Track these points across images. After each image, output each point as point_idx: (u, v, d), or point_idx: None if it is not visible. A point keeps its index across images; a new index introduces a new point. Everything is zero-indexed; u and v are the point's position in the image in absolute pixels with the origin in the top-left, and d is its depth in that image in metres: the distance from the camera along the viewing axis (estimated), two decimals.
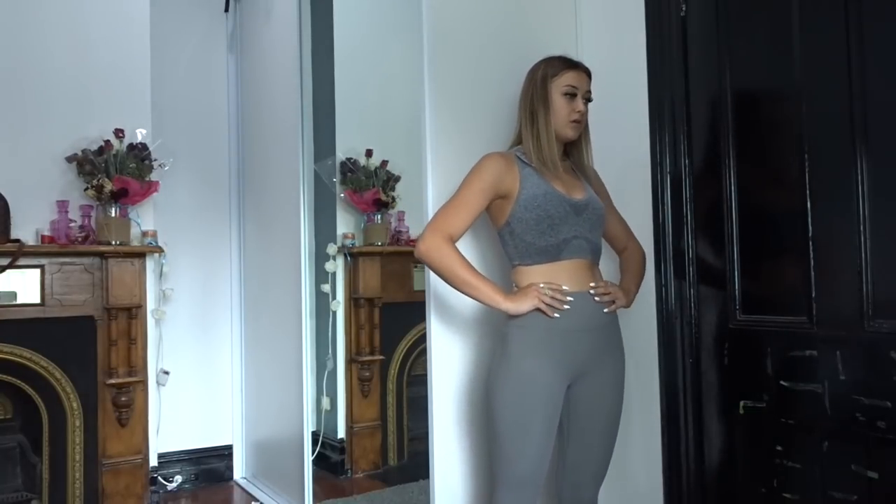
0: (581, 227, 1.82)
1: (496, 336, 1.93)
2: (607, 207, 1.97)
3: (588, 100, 1.88)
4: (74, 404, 2.91)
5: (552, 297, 1.73)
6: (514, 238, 1.83)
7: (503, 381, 1.78)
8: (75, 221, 2.97)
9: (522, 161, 1.85)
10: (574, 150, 1.94)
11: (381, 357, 3.70)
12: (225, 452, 3.71)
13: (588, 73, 1.90)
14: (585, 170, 1.95)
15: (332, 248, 3.62)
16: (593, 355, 1.82)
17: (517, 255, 1.85)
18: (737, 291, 1.90)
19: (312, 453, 3.05)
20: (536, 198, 1.79)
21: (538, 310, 1.73)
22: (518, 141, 1.91)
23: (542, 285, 1.75)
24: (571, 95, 1.84)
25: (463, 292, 1.78)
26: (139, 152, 3.05)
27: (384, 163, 3.71)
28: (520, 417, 1.75)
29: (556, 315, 1.73)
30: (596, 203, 1.87)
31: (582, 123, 1.87)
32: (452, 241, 1.78)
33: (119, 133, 3.02)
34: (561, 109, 1.84)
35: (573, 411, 1.84)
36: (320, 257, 3.68)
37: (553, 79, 1.85)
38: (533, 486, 1.78)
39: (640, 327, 2.12)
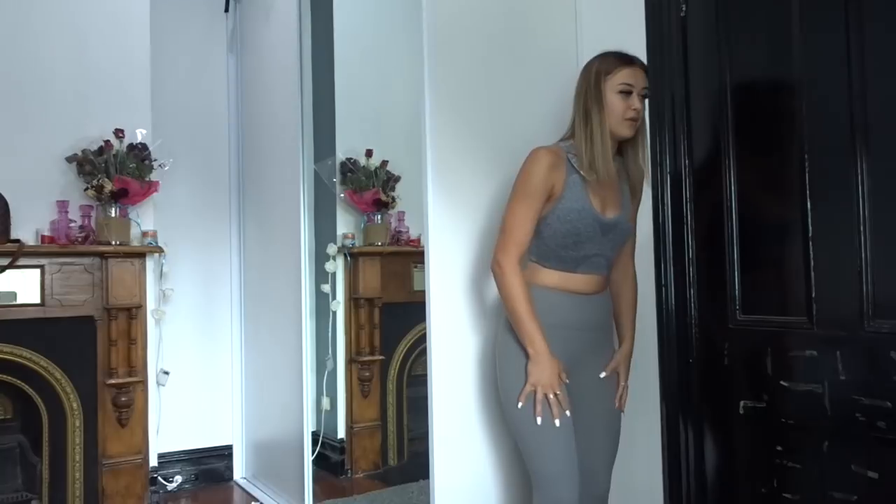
0: (604, 246, 1.85)
1: (497, 337, 1.93)
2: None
3: (645, 96, 1.84)
4: (74, 404, 2.91)
5: (548, 405, 1.75)
6: (539, 238, 1.86)
7: (512, 382, 1.81)
8: (75, 221, 2.97)
9: (571, 164, 1.83)
10: (629, 149, 1.91)
11: (381, 357, 3.70)
12: (225, 452, 3.71)
13: (644, 69, 1.86)
14: (636, 173, 1.92)
15: (332, 248, 3.62)
16: (587, 350, 1.89)
17: (537, 253, 1.88)
18: (737, 291, 1.90)
19: (312, 453, 3.05)
20: (572, 212, 1.80)
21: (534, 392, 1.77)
22: (571, 135, 1.88)
23: (555, 395, 1.75)
24: (627, 93, 1.80)
25: (512, 320, 1.82)
26: (139, 152, 3.05)
27: (384, 163, 3.70)
28: (532, 423, 1.78)
29: (538, 420, 1.75)
30: (624, 223, 1.89)
31: (638, 121, 1.84)
32: (521, 259, 1.83)
33: (119, 133, 3.02)
34: (616, 107, 1.80)
35: (575, 407, 1.86)
36: (320, 257, 3.68)
37: (607, 77, 1.81)
38: (569, 480, 1.78)
39: (641, 327, 2.11)
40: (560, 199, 1.81)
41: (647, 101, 1.85)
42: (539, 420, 1.74)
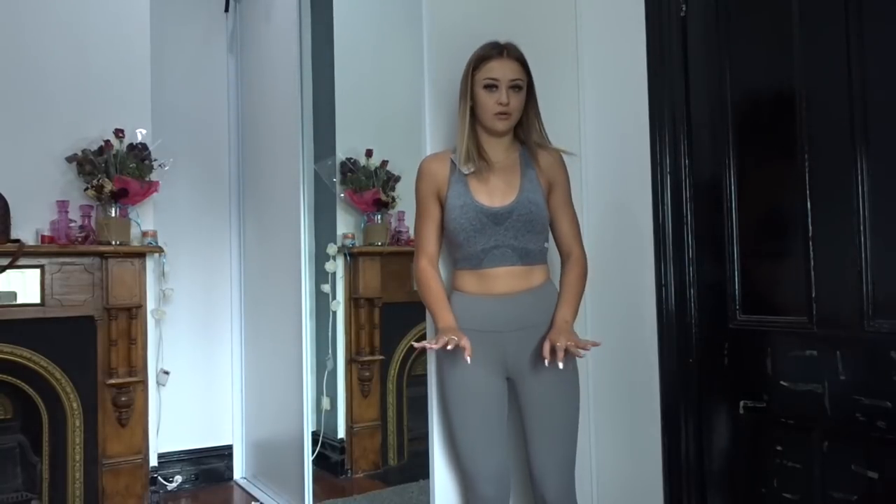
0: (502, 236, 1.82)
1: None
2: (556, 207, 1.89)
3: (517, 87, 1.79)
4: (74, 404, 2.91)
5: (443, 343, 1.69)
6: (448, 244, 1.92)
7: (441, 382, 1.86)
8: (75, 221, 2.97)
9: (454, 163, 1.86)
10: (524, 133, 1.89)
11: (381, 357, 3.70)
12: (225, 452, 3.71)
13: (518, 58, 1.81)
14: (536, 157, 1.87)
15: (332, 248, 3.62)
16: (527, 352, 1.84)
17: (454, 260, 1.93)
18: (737, 291, 1.90)
19: (312, 453, 3.05)
20: (455, 209, 1.82)
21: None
22: None
23: (447, 338, 1.69)
24: (493, 87, 1.78)
25: (426, 306, 1.88)
26: (139, 152, 3.05)
27: (384, 163, 3.71)
28: (459, 415, 1.83)
29: (434, 346, 1.70)
30: (524, 208, 1.81)
31: (510, 115, 1.80)
32: (431, 259, 1.87)
33: (119, 133, 3.02)
34: (483, 103, 1.80)
35: (524, 413, 1.88)
36: (320, 257, 3.68)
37: (474, 71, 1.81)
38: (495, 481, 1.83)
39: (641, 327, 2.12)
40: (446, 200, 1.84)
41: (521, 91, 1.80)
42: (415, 343, 1.73)
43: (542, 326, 1.85)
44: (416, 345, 1.73)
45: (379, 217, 3.70)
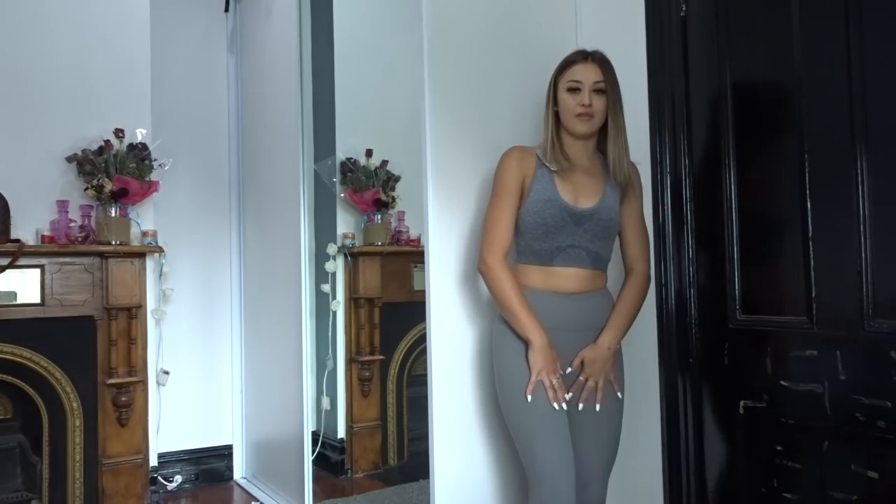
0: (580, 237, 1.85)
1: (492, 332, 1.96)
2: (628, 218, 1.94)
3: (600, 90, 1.84)
4: (74, 404, 2.91)
5: (552, 389, 1.78)
6: (518, 236, 1.90)
7: (512, 375, 1.82)
8: (75, 221, 2.97)
9: (539, 159, 1.89)
10: (606, 144, 1.89)
11: (381, 357, 3.70)
12: (225, 452, 3.71)
13: (602, 63, 1.85)
14: (616, 168, 1.87)
15: (332, 248, 3.62)
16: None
17: (518, 252, 1.92)
18: (737, 291, 1.90)
19: (312, 453, 3.05)
20: (538, 203, 1.84)
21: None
22: None
23: (553, 381, 1.78)
24: (576, 90, 1.84)
25: (506, 315, 1.85)
26: (139, 152, 3.05)
27: (384, 163, 3.70)
28: (528, 415, 1.79)
29: (556, 406, 1.78)
30: (605, 213, 1.87)
31: (592, 116, 1.84)
32: (506, 255, 1.85)
33: (119, 133, 3.02)
34: (566, 104, 1.85)
35: (570, 414, 1.86)
36: (320, 257, 3.67)
37: (560, 75, 1.88)
38: (565, 475, 1.77)
39: (641, 327, 2.12)
40: (529, 193, 1.86)
41: (604, 94, 1.84)
42: (556, 406, 1.77)
43: (597, 330, 1.89)
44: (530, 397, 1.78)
45: (379, 217, 3.70)
